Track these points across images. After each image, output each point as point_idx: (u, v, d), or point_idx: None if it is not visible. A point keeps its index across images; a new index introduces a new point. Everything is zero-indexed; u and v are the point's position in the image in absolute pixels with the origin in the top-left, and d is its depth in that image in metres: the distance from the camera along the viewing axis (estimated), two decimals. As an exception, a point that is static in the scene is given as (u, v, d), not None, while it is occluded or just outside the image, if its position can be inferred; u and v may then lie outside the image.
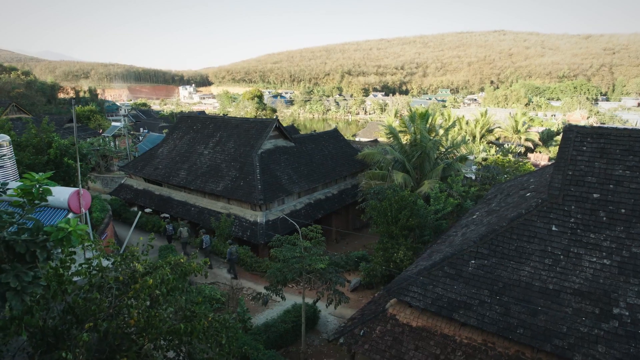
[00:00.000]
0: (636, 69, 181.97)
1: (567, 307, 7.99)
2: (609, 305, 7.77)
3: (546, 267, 8.65)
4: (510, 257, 9.08)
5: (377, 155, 22.75)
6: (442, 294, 9.07)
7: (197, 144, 23.72)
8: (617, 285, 7.97)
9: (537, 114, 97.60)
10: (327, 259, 9.62)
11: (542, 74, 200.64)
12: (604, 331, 7.46)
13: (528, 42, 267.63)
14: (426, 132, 21.49)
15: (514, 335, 7.97)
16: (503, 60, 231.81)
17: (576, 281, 8.26)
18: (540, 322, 7.94)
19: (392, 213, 13.80)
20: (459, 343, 8.79)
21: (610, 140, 9.76)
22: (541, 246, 8.99)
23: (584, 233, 8.85)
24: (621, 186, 9.08)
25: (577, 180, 9.54)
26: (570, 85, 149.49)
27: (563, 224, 9.14)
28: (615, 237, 8.57)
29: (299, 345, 11.91)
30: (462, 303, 8.75)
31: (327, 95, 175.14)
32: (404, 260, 13.30)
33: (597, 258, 8.42)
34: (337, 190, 23.59)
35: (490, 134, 57.40)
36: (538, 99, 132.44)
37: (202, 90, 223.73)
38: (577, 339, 7.53)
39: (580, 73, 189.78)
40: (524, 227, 9.40)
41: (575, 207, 9.24)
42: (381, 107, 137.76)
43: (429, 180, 20.24)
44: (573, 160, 9.86)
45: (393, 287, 9.62)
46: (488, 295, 8.68)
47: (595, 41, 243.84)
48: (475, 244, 9.52)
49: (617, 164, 9.39)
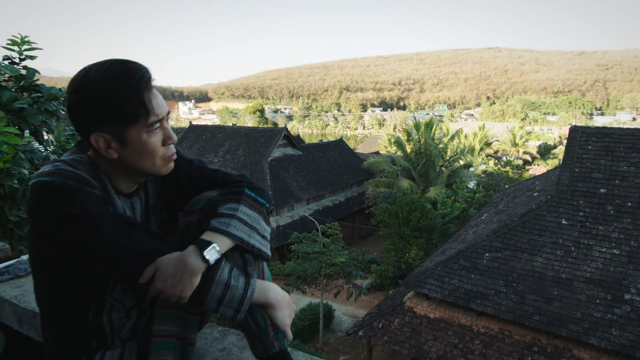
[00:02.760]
0: (630, 84, 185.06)
1: (580, 294, 8.36)
2: (620, 291, 8.15)
3: (558, 257, 9.04)
4: (523, 249, 9.47)
5: (382, 164, 23.26)
6: (458, 285, 9.43)
7: (207, 152, 24.21)
8: (627, 273, 8.37)
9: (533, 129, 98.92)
10: (346, 253, 9.99)
11: (538, 89, 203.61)
12: (617, 315, 7.83)
13: (523, 59, 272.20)
14: (431, 140, 22.07)
15: (530, 322, 8.31)
16: (499, 76, 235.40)
17: (588, 270, 8.65)
18: (555, 309, 8.30)
19: (403, 215, 14.22)
20: (477, 332, 9.12)
21: (614, 139, 10.27)
22: (552, 238, 9.39)
23: (593, 225, 9.27)
24: (626, 181, 9.55)
25: (584, 176, 10.01)
26: (565, 100, 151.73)
27: (572, 217, 9.56)
28: (623, 228, 8.99)
29: (315, 342, 12.17)
30: (479, 293, 9.11)
31: (325, 110, 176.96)
32: (415, 260, 13.66)
33: (607, 248, 8.83)
34: (344, 198, 24.02)
35: (489, 147, 58.22)
36: (534, 113, 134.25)
37: (201, 106, 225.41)
38: (592, 323, 7.88)
39: (574, 88, 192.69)
40: (535, 221, 9.82)
41: (584, 202, 9.68)
42: (379, 122, 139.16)
43: (434, 187, 20.73)
44: (579, 158, 10.34)
45: (411, 279, 9.97)
46: (503, 285, 9.04)
47: (589, 57, 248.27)
48: (488, 237, 9.92)
49: (622, 160, 9.87)
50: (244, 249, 1.00)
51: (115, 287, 1.01)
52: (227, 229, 0.96)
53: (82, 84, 0.89)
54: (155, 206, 1.12)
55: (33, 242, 0.96)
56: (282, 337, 1.04)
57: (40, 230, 0.91)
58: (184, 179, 1.14)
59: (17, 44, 2.81)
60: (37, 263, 0.99)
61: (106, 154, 0.94)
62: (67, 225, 0.86)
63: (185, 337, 1.03)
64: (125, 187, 1.04)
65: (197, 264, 0.91)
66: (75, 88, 0.90)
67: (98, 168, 0.98)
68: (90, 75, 0.89)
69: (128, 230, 0.93)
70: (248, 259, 1.02)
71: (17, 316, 1.49)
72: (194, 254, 0.91)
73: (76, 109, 0.91)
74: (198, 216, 1.05)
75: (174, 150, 1.03)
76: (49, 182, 0.87)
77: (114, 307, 1.02)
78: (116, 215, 0.95)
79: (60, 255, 0.93)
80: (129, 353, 1.05)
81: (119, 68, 0.90)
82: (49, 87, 2.60)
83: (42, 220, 0.88)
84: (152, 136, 0.95)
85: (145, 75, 0.92)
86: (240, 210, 1.01)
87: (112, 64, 0.91)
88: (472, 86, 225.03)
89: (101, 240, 0.88)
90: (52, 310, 1.00)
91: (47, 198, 0.87)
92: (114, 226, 0.91)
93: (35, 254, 0.98)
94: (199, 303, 0.94)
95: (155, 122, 0.95)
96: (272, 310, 1.03)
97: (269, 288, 1.04)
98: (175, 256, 0.92)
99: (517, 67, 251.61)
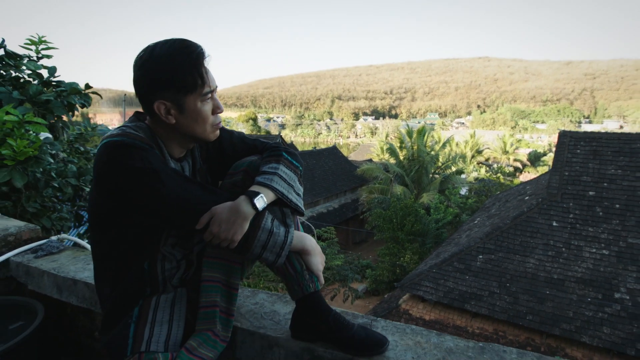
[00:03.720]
0: (616, 93, 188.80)
1: (571, 294, 8.56)
2: (610, 290, 8.36)
3: (550, 258, 9.24)
4: (515, 251, 9.66)
5: (376, 171, 23.49)
6: (453, 287, 9.58)
7: (201, 160, 24.23)
8: (616, 272, 8.59)
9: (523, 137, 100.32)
10: (342, 257, 10.11)
11: (527, 98, 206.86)
12: (607, 314, 8.02)
13: (512, 68, 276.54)
14: (423, 147, 22.36)
15: (523, 322, 8.47)
16: (489, 85, 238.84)
17: (579, 270, 8.86)
18: (548, 309, 8.47)
19: (397, 219, 14.40)
20: (472, 333, 9.24)
21: (601, 143, 10.57)
22: (544, 240, 9.60)
23: (582, 227, 9.51)
24: (614, 184, 9.83)
25: (574, 179, 10.27)
26: (554, 108, 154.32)
27: (563, 219, 9.80)
28: (612, 229, 9.24)
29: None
30: (473, 294, 9.26)
31: (318, 119, 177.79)
32: (410, 264, 13.81)
33: (597, 249, 9.06)
34: (337, 204, 24.16)
35: (480, 154, 58.89)
36: (524, 122, 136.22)
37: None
38: (584, 322, 8.06)
39: (563, 97, 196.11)
40: (527, 223, 10.04)
41: (573, 204, 9.93)
42: (371, 131, 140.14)
43: (427, 193, 20.97)
44: (569, 162, 10.62)
45: (406, 282, 10.11)
46: (497, 287, 9.21)
47: (576, 67, 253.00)
48: (482, 240, 10.11)
49: (609, 164, 10.16)
50: (282, 203, 1.15)
51: (167, 241, 1.15)
52: (271, 184, 1.11)
53: (150, 58, 1.04)
54: (201, 170, 1.27)
55: (98, 198, 1.09)
56: (316, 280, 1.19)
57: (108, 185, 1.04)
58: (226, 146, 1.29)
59: (35, 44, 2.94)
60: (100, 219, 1.12)
61: (166, 120, 1.08)
62: (135, 177, 1.00)
63: (230, 283, 1.17)
64: (177, 152, 1.18)
65: (248, 210, 1.05)
66: (143, 62, 1.04)
67: (155, 134, 1.13)
68: (156, 51, 1.04)
69: (186, 184, 1.07)
70: (286, 212, 1.18)
71: (57, 285, 1.61)
72: (245, 202, 1.06)
73: (143, 80, 1.05)
74: (242, 177, 1.19)
75: (221, 119, 1.18)
76: (120, 141, 1.01)
77: (166, 257, 1.16)
78: (175, 171, 1.09)
79: (124, 208, 1.06)
80: (179, 297, 1.18)
81: (181, 45, 1.05)
82: (70, 82, 2.74)
83: (112, 173, 1.01)
84: (205, 104, 1.10)
85: (202, 52, 1.07)
86: (281, 169, 1.16)
87: (175, 41, 1.06)
88: (462, 95, 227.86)
89: (164, 190, 1.02)
90: (111, 262, 1.13)
91: (117, 154, 1.00)
92: (174, 179, 1.05)
93: (99, 210, 1.11)
94: (245, 248, 1.08)
95: (208, 92, 1.09)
96: (307, 257, 1.17)
97: (304, 237, 1.19)
98: (229, 204, 1.06)
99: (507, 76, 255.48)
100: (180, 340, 1.12)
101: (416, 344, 1.13)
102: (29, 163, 2.15)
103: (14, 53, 2.67)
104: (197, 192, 1.08)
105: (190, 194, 1.06)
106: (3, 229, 1.87)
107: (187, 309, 1.19)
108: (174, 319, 1.14)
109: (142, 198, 1.02)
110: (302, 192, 1.22)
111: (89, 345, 1.74)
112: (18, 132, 2.10)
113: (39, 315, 1.62)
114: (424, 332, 1.19)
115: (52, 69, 2.71)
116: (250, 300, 1.40)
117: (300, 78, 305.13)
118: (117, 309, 1.12)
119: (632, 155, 10.03)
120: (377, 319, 1.28)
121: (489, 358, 1.05)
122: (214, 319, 1.13)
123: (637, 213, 9.21)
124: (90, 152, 4.16)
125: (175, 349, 1.09)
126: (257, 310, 1.33)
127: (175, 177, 1.06)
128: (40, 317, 1.60)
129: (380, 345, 1.13)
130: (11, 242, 1.87)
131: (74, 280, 1.55)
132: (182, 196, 1.04)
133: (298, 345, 1.17)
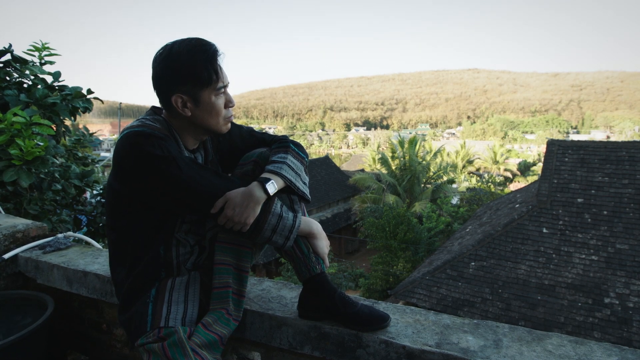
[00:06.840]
0: (602, 104, 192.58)
1: (562, 299, 8.67)
2: (600, 295, 8.49)
3: (540, 265, 9.38)
4: (507, 257, 9.79)
5: (368, 180, 23.64)
6: (446, 294, 9.65)
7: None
8: (605, 277, 8.74)
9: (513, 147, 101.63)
10: (336, 265, 10.14)
11: (516, 109, 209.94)
12: (597, 319, 8.14)
13: (501, 80, 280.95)
14: (415, 157, 22.59)
15: (516, 327, 8.55)
16: (478, 96, 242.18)
17: (569, 276, 9.00)
18: (540, 314, 8.57)
19: (390, 228, 14.49)
20: (465, 339, 9.30)
21: (588, 152, 10.81)
22: (534, 247, 9.75)
23: (572, 233, 9.68)
24: (602, 191, 10.04)
25: (562, 187, 10.48)
26: (542, 119, 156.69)
27: (553, 226, 9.96)
28: (600, 235, 9.41)
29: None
30: (466, 301, 9.34)
31: (310, 130, 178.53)
32: (403, 272, 13.87)
33: (586, 255, 9.22)
34: (330, 214, 24.22)
35: (471, 164, 59.51)
36: (513, 132, 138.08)
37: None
38: (575, 327, 8.17)
39: (550, 108, 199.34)
40: (518, 230, 10.19)
41: (563, 211, 10.11)
42: (363, 142, 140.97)
43: (419, 202, 21.14)
44: (557, 170, 10.83)
45: (399, 290, 10.16)
46: (489, 293, 9.30)
47: (563, 79, 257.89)
48: (474, 247, 10.23)
49: (597, 171, 10.39)
50: (290, 190, 1.24)
51: (181, 227, 1.23)
52: (280, 171, 1.20)
53: (169, 55, 1.13)
54: (213, 161, 1.36)
55: (117, 185, 1.16)
56: (322, 262, 1.27)
57: (129, 170, 1.11)
58: (236, 139, 1.38)
59: (38, 50, 3.01)
60: (118, 206, 1.19)
61: (182, 112, 1.17)
62: (155, 163, 1.08)
63: (241, 266, 1.25)
64: (191, 144, 1.27)
65: (261, 195, 1.14)
66: (163, 58, 1.13)
67: (171, 126, 1.22)
68: (175, 48, 1.13)
69: (201, 171, 1.16)
70: (294, 199, 1.27)
71: (67, 278, 1.66)
72: (257, 187, 1.14)
73: (162, 75, 1.14)
74: (252, 167, 1.28)
75: (232, 113, 1.27)
76: (140, 131, 1.10)
77: (180, 242, 1.23)
78: (191, 159, 1.17)
79: (142, 194, 1.13)
80: (193, 280, 1.26)
81: (198, 42, 1.15)
82: (74, 86, 2.81)
83: (133, 159, 1.09)
84: (219, 98, 1.19)
85: (217, 49, 1.16)
86: (289, 159, 1.25)
87: (192, 40, 1.16)
88: (453, 106, 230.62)
89: (182, 176, 1.10)
90: (129, 247, 1.20)
91: (138, 142, 1.09)
92: (190, 167, 1.13)
93: (117, 197, 1.18)
94: (257, 231, 1.16)
95: (221, 87, 1.19)
96: (314, 240, 1.26)
97: (311, 222, 1.28)
98: (242, 189, 1.15)
99: (496, 87, 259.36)
100: (195, 319, 1.20)
101: (416, 321, 1.22)
102: (35, 163, 2.21)
103: (22, 58, 2.75)
104: (212, 178, 1.17)
105: (205, 180, 1.14)
106: (11, 226, 1.92)
107: (200, 291, 1.26)
108: (188, 299, 1.21)
109: (161, 183, 1.09)
110: (307, 181, 1.30)
111: (95, 337, 1.79)
112: (26, 133, 2.17)
113: (49, 307, 1.67)
114: (423, 312, 1.27)
115: (57, 74, 2.79)
116: (257, 287, 1.48)
117: (292, 89, 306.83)
118: (135, 289, 1.19)
119: (618, 162, 10.27)
120: (378, 302, 1.36)
121: (483, 332, 1.14)
122: (227, 298, 1.21)
123: (624, 219, 9.41)
124: (89, 158, 4.20)
125: (191, 326, 1.16)
126: (265, 295, 1.41)
127: (192, 165, 1.14)
128: (51, 309, 1.65)
129: (383, 320, 1.21)
130: (19, 238, 1.92)
131: (85, 272, 1.61)
132: (199, 181, 1.13)
133: (306, 324, 1.24)
